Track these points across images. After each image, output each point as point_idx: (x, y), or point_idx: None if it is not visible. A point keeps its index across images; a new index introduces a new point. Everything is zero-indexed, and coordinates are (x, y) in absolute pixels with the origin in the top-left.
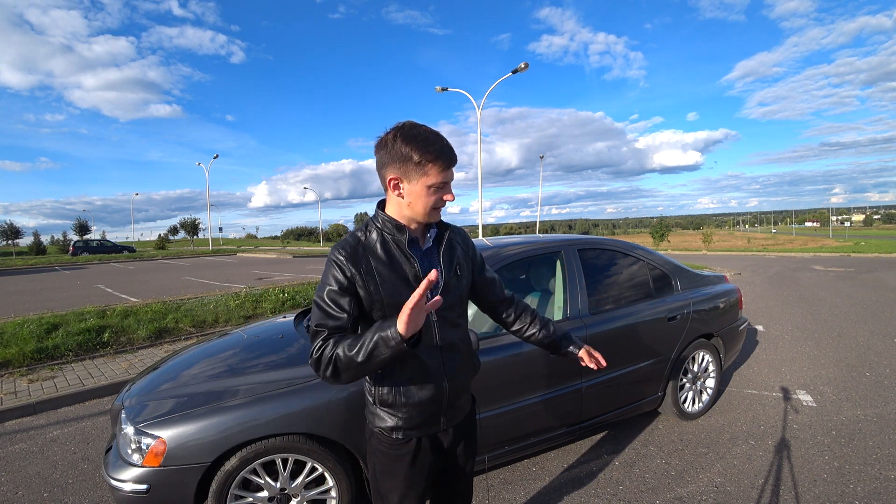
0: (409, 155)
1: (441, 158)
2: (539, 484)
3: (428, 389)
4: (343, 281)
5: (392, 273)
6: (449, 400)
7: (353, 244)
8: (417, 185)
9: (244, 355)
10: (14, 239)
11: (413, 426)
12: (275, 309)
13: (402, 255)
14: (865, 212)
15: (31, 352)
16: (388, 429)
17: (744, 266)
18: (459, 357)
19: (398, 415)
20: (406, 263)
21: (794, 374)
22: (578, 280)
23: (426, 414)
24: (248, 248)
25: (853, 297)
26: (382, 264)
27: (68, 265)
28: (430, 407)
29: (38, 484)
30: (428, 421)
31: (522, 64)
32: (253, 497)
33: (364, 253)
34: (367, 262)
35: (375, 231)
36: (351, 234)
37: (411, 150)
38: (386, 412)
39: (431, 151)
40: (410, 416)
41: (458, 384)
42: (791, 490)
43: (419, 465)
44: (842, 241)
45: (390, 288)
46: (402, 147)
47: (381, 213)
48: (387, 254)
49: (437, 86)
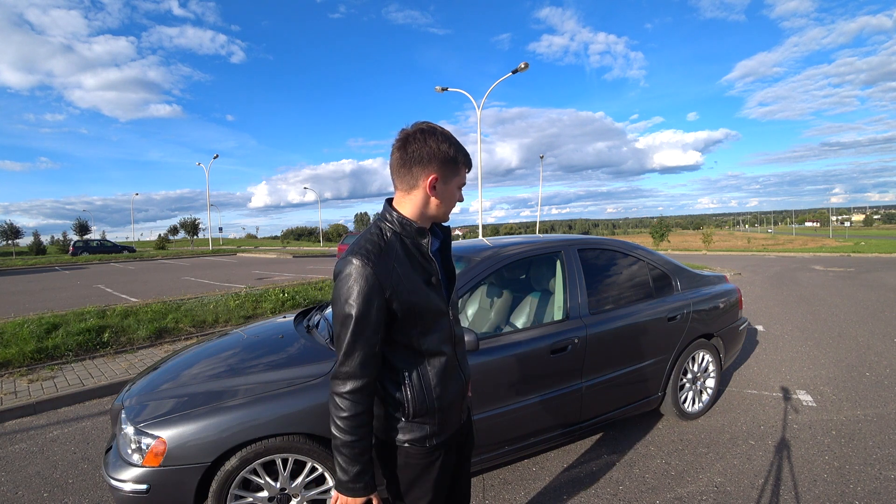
0: (454, 156)
1: (469, 161)
2: (539, 484)
3: (455, 387)
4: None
5: (416, 276)
6: (464, 392)
7: (378, 253)
8: (451, 185)
9: (244, 355)
10: (14, 239)
11: (446, 430)
12: (275, 309)
13: (422, 258)
14: (865, 212)
15: (31, 352)
16: (420, 439)
17: (744, 266)
18: (465, 349)
19: (433, 421)
20: (426, 265)
21: (794, 374)
22: (578, 280)
23: (455, 413)
24: (248, 248)
25: (853, 297)
26: (406, 268)
27: (68, 265)
28: (458, 404)
29: (38, 484)
30: (456, 419)
31: (522, 64)
32: (253, 497)
33: (389, 259)
34: (395, 270)
35: (391, 233)
36: (367, 241)
37: (455, 151)
38: (419, 422)
39: (465, 154)
40: (445, 420)
41: (467, 375)
42: (791, 490)
43: (446, 468)
44: (842, 241)
45: (422, 293)
46: (447, 148)
47: (398, 215)
48: (408, 257)
49: (437, 86)
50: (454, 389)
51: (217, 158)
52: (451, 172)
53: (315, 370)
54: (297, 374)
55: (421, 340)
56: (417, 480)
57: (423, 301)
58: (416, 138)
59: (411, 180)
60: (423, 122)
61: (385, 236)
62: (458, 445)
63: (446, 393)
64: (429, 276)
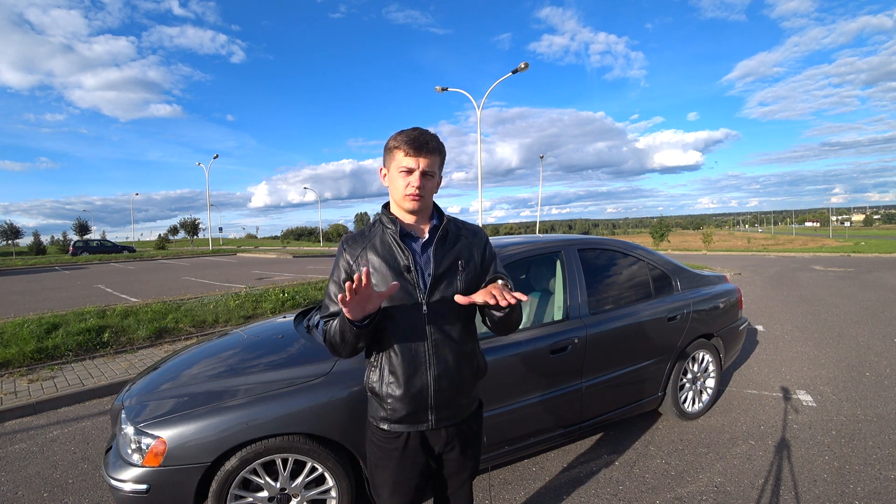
0: (388, 144)
1: (407, 144)
2: (539, 484)
3: (412, 382)
4: (344, 269)
5: (383, 263)
6: (435, 396)
7: (355, 236)
8: (392, 171)
9: (244, 355)
10: (14, 239)
11: (398, 419)
12: (275, 309)
13: (396, 247)
14: (865, 212)
15: (31, 352)
16: (378, 419)
17: (744, 266)
18: (452, 353)
19: (384, 405)
20: (400, 254)
21: (794, 374)
22: (578, 280)
23: (410, 408)
24: (247, 248)
25: (853, 297)
26: (377, 255)
27: (68, 265)
28: (414, 400)
29: (38, 484)
30: (412, 415)
31: (522, 64)
32: (253, 497)
33: (363, 244)
34: (363, 253)
35: (378, 225)
36: (359, 230)
37: (390, 140)
38: (375, 401)
39: (401, 139)
40: (395, 409)
41: (449, 381)
42: (791, 490)
43: (407, 463)
44: (842, 241)
45: (379, 277)
46: (389, 140)
47: (384, 209)
48: (383, 245)
49: (438, 86)
50: (412, 385)
51: (217, 158)
52: (389, 159)
53: (315, 370)
54: (297, 374)
55: (385, 325)
56: (379, 463)
57: (377, 284)
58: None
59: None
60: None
61: (373, 226)
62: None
63: (397, 385)
64: (399, 265)
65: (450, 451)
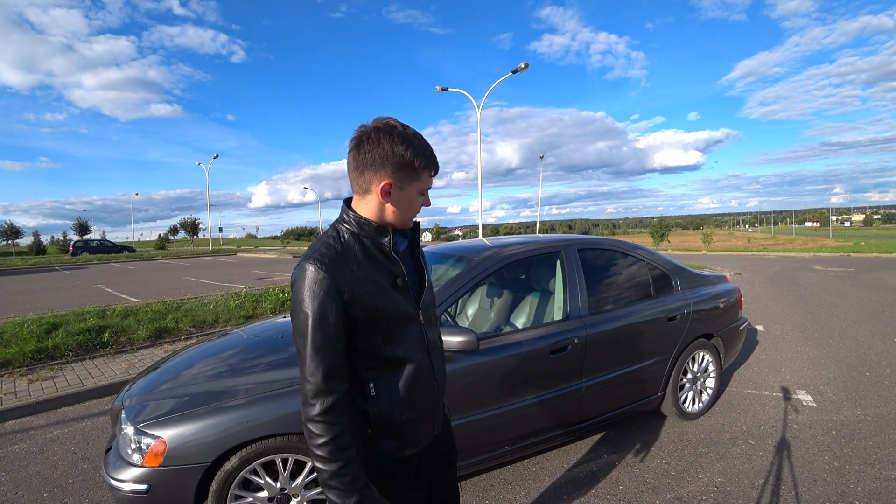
0: (410, 160)
1: (433, 163)
2: (539, 484)
3: (427, 396)
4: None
5: (379, 278)
6: (438, 401)
7: (334, 255)
8: (410, 190)
9: (244, 355)
10: (14, 239)
11: (417, 442)
12: (275, 309)
13: (384, 259)
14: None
15: (31, 352)
16: (387, 452)
17: (744, 266)
18: (440, 355)
19: (401, 434)
20: (390, 266)
21: (794, 374)
22: (578, 280)
23: (428, 423)
24: (247, 248)
25: (853, 297)
26: (367, 270)
27: (68, 265)
28: (431, 414)
29: (38, 484)
30: (428, 430)
31: (522, 64)
32: (253, 497)
33: (347, 262)
34: (352, 272)
35: (349, 234)
36: (322, 244)
37: (413, 154)
38: (386, 436)
39: (426, 156)
40: (416, 432)
41: (442, 383)
42: (791, 490)
43: (419, 481)
44: (842, 241)
45: (386, 296)
46: (402, 150)
47: (355, 215)
48: (369, 258)
49: (438, 85)
50: (426, 399)
51: (217, 158)
52: (409, 177)
53: None
54: (297, 374)
55: (386, 348)
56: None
57: (388, 305)
58: (370, 139)
59: (364, 185)
60: (383, 119)
61: (342, 238)
62: (439, 457)
63: (415, 404)
64: (394, 278)
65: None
